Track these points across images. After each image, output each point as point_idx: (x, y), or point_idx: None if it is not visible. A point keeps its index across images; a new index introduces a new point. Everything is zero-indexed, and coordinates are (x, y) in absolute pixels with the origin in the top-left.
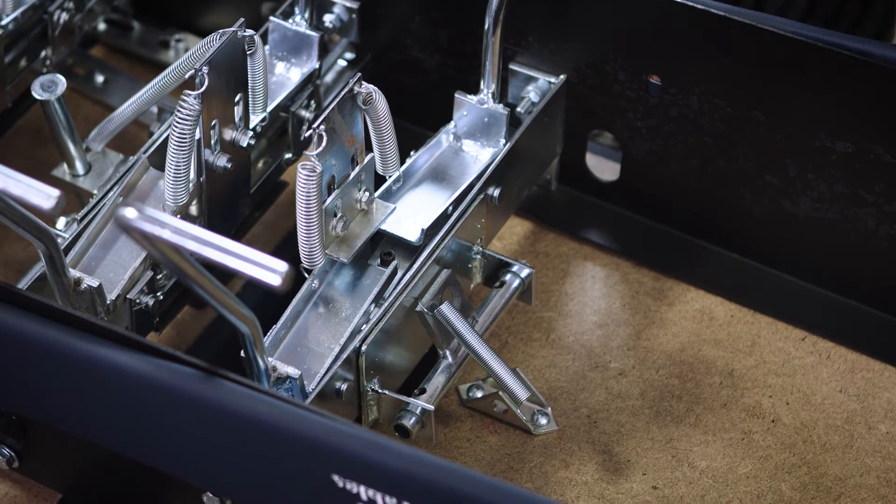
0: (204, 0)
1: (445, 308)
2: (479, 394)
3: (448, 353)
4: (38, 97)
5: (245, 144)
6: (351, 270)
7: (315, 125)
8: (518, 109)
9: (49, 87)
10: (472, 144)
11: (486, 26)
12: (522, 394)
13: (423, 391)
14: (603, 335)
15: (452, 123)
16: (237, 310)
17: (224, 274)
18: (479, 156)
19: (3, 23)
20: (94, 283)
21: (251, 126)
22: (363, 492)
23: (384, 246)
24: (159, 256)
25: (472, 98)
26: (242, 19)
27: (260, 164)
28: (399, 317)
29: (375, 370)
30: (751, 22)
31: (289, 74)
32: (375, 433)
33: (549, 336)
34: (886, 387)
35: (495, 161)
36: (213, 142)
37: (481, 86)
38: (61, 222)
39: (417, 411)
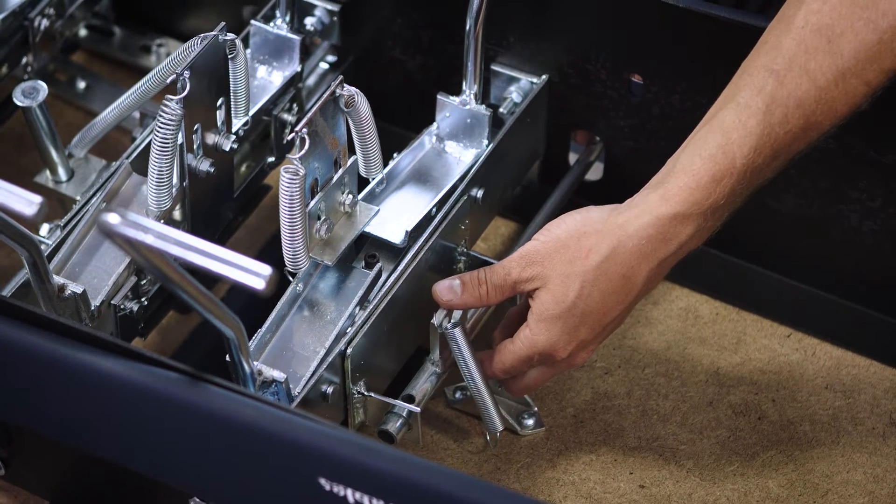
0: (185, 4)
1: (458, 332)
2: (466, 395)
3: (439, 361)
4: (19, 104)
5: (228, 148)
6: (335, 273)
7: (297, 128)
8: (500, 110)
9: (30, 94)
10: (454, 146)
11: (468, 27)
12: (498, 426)
13: (409, 397)
14: None
15: (435, 125)
16: (222, 314)
17: (208, 278)
18: (462, 157)
19: None
20: (78, 290)
21: (234, 130)
22: (350, 495)
23: (368, 248)
24: (143, 262)
25: (455, 99)
26: (223, 23)
27: (243, 168)
28: (384, 319)
29: (361, 373)
30: (731, 19)
31: (271, 78)
32: (362, 436)
33: None
34: (872, 382)
35: (478, 162)
36: (195, 146)
37: (463, 87)
38: (44, 229)
39: (404, 413)
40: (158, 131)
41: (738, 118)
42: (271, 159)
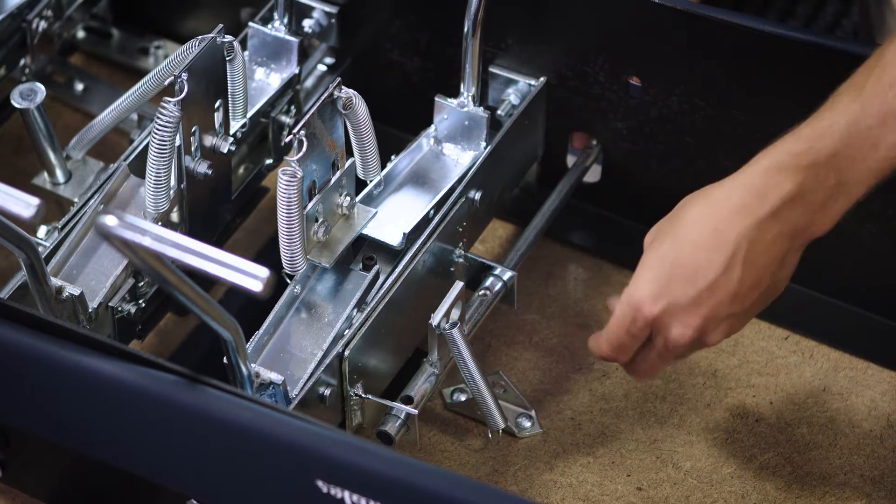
0: (183, 6)
1: (456, 333)
2: (463, 397)
3: (437, 363)
4: (17, 106)
5: (226, 150)
6: (333, 275)
7: (295, 130)
8: (498, 112)
9: (28, 96)
10: (452, 148)
11: (466, 29)
12: (500, 423)
13: (407, 398)
14: (586, 337)
15: (433, 127)
16: (219, 316)
17: (206, 280)
18: (460, 159)
19: None
20: (76, 292)
21: (231, 132)
22: (347, 497)
23: (366, 250)
24: (140, 264)
25: (453, 101)
26: (221, 25)
27: (241, 170)
28: (382, 321)
29: (359, 375)
30: (730, 21)
31: (269, 80)
32: (359, 438)
33: (532, 339)
34: (869, 385)
35: (476, 164)
36: (193, 148)
37: (461, 89)
38: (42, 231)
39: (402, 415)
40: (156, 133)
41: (852, 79)
42: (269, 161)
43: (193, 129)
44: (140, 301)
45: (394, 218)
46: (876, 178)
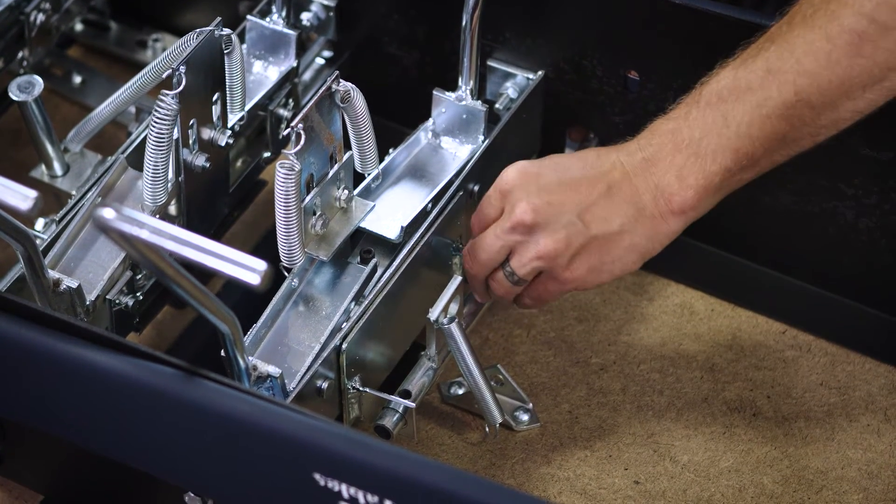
0: None
1: (455, 327)
2: (461, 391)
3: (435, 356)
4: (15, 98)
5: (223, 143)
6: (331, 269)
7: (293, 123)
8: (496, 106)
9: (26, 89)
10: (450, 141)
11: (464, 23)
12: (498, 417)
13: (405, 392)
14: (583, 330)
15: (431, 120)
16: (217, 309)
17: (204, 273)
18: (458, 153)
19: None
20: (74, 284)
21: (229, 125)
22: (345, 490)
23: (364, 244)
24: (138, 257)
25: (451, 95)
26: (220, 18)
27: (239, 163)
28: (380, 314)
29: (356, 368)
30: (728, 15)
31: (267, 73)
32: (357, 431)
33: (529, 332)
34: (867, 379)
35: (474, 158)
36: (191, 141)
37: (459, 82)
38: (40, 223)
39: (400, 409)
40: (154, 126)
41: (687, 101)
42: (267, 154)
43: (191, 121)
44: (138, 294)
45: (392, 211)
46: (729, 157)
